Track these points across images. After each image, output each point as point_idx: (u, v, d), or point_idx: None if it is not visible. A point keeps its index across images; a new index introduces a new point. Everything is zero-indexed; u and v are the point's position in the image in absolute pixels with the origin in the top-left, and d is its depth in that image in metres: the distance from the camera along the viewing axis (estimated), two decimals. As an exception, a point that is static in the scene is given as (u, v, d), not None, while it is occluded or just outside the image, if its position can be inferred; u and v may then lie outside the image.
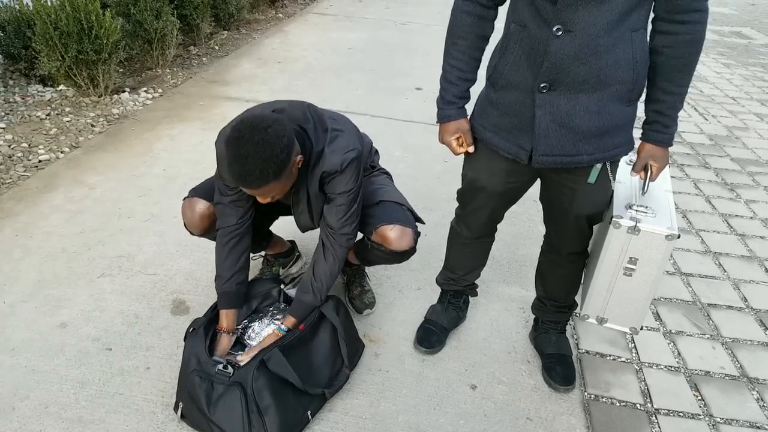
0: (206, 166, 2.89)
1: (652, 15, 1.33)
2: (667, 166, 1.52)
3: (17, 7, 3.60)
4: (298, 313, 1.64)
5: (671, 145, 1.39)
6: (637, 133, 1.39)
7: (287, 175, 1.40)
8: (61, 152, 2.97)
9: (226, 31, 5.28)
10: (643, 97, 1.39)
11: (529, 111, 1.37)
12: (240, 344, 1.66)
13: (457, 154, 1.56)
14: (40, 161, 2.87)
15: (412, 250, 1.72)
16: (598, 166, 1.42)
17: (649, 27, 1.34)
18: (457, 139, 1.53)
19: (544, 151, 1.39)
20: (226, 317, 1.64)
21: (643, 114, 1.40)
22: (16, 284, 2.02)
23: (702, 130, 3.82)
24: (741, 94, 4.56)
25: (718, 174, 3.22)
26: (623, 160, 1.56)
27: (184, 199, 1.74)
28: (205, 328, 1.57)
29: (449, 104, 1.51)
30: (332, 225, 1.60)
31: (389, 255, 1.72)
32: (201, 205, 1.71)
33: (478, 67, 1.50)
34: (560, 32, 1.27)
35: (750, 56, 5.65)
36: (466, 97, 1.53)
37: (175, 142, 3.15)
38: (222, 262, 1.65)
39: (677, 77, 1.33)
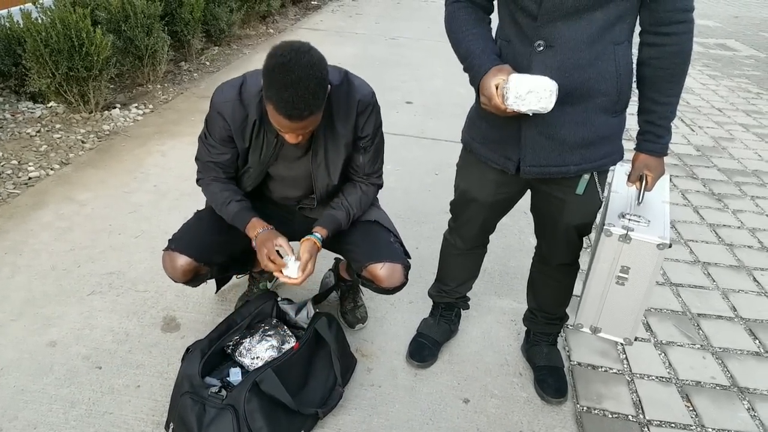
0: (197, 182, 2.89)
1: (638, 28, 1.36)
2: (667, 176, 1.54)
3: (7, 24, 3.60)
4: (328, 225, 1.64)
5: (666, 154, 1.41)
6: (631, 143, 1.41)
7: (324, 104, 1.37)
8: (51, 169, 2.96)
9: (217, 47, 5.31)
10: (636, 107, 1.41)
11: (515, 123, 1.39)
12: (232, 362, 1.65)
13: (500, 108, 1.27)
14: (30, 178, 2.86)
15: (403, 285, 1.68)
16: (586, 177, 1.44)
17: (637, 39, 1.37)
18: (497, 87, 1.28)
19: (530, 162, 1.41)
20: (256, 224, 1.60)
21: (636, 124, 1.42)
22: (5, 303, 2.00)
23: (689, 141, 3.87)
24: (727, 105, 4.64)
25: (705, 184, 3.26)
26: (622, 170, 1.58)
27: (165, 250, 1.64)
28: (202, 351, 1.55)
29: (485, 62, 1.33)
30: (368, 172, 1.67)
31: (381, 291, 1.68)
32: (182, 261, 1.61)
33: (492, 38, 1.43)
34: (542, 47, 1.30)
35: (735, 68, 5.75)
36: (497, 56, 1.38)
37: (166, 158, 3.15)
38: (217, 195, 1.65)
39: (667, 87, 1.35)
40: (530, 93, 1.22)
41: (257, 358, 1.62)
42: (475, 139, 1.53)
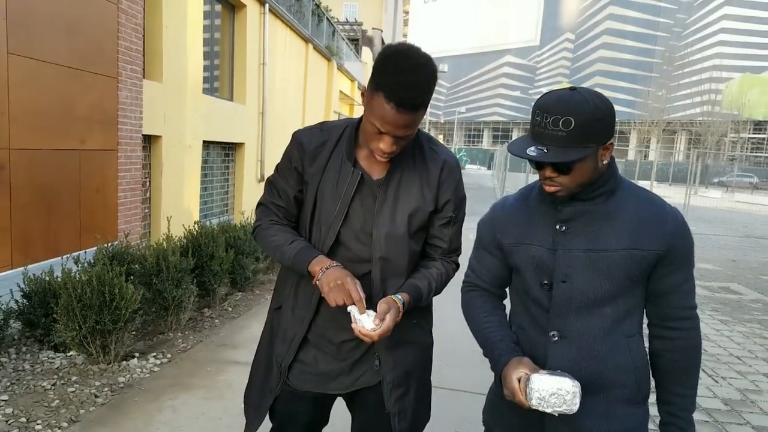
0: (205, 444, 2.76)
1: (646, 320, 1.43)
2: None
3: (48, 279, 3.86)
4: (409, 290, 1.52)
5: None
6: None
7: (428, 106, 1.38)
8: (59, 428, 2.87)
9: (240, 293, 5.57)
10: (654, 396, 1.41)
11: (538, 411, 1.38)
12: None
13: (525, 405, 1.28)
14: (33, 440, 2.76)
15: None
16: None
17: (646, 330, 1.43)
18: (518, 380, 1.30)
19: None
20: (323, 259, 1.47)
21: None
22: None
23: (714, 393, 3.72)
24: (745, 352, 4.57)
25: (744, 446, 3.03)
26: None
27: None
28: None
29: (504, 352, 1.39)
30: (453, 247, 1.61)
31: None
32: None
33: (508, 325, 1.49)
34: (556, 338, 1.36)
35: (744, 312, 5.81)
36: (515, 344, 1.43)
37: (176, 414, 3.06)
38: (276, 236, 1.55)
39: (683, 379, 1.37)
40: (553, 395, 1.23)
41: None
42: (498, 424, 1.52)
